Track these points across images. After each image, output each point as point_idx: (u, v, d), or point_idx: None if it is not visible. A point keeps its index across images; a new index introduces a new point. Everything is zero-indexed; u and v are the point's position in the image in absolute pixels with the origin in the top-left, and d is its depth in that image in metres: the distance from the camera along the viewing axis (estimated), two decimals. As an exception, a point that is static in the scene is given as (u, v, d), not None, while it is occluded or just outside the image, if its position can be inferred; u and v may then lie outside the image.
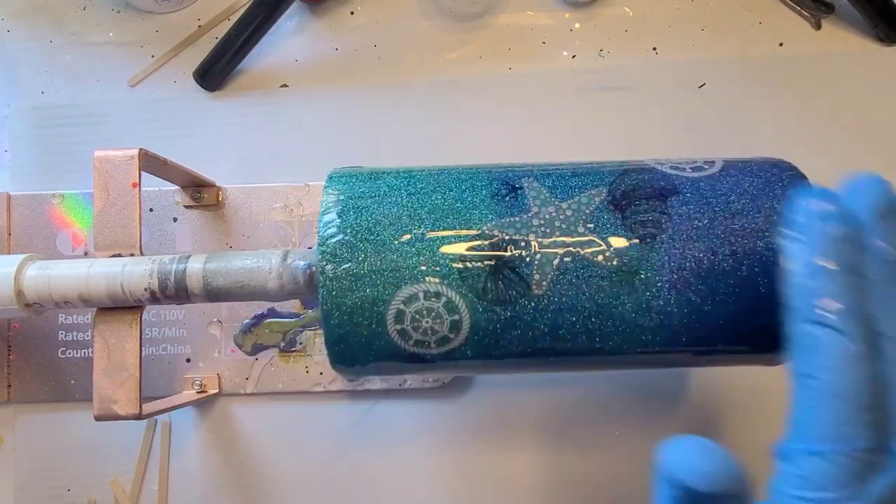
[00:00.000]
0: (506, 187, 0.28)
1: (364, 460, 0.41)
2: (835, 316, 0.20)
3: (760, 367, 0.30)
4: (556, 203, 0.27)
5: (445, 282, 0.26)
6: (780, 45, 0.45)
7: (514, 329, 0.26)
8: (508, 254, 0.26)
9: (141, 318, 0.31)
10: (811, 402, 0.20)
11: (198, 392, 0.41)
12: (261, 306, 0.41)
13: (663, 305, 0.26)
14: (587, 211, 0.27)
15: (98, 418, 0.31)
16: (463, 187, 0.28)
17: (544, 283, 0.26)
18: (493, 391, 0.42)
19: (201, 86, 0.45)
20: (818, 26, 0.46)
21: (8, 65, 0.46)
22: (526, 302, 0.26)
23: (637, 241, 0.26)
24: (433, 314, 0.26)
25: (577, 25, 0.46)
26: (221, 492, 0.41)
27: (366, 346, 0.27)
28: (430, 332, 0.26)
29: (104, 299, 0.30)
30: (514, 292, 0.26)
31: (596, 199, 0.27)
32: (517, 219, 0.27)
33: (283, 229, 0.42)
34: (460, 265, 0.26)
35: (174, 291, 0.30)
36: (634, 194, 0.27)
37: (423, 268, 0.26)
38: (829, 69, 0.45)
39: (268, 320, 0.42)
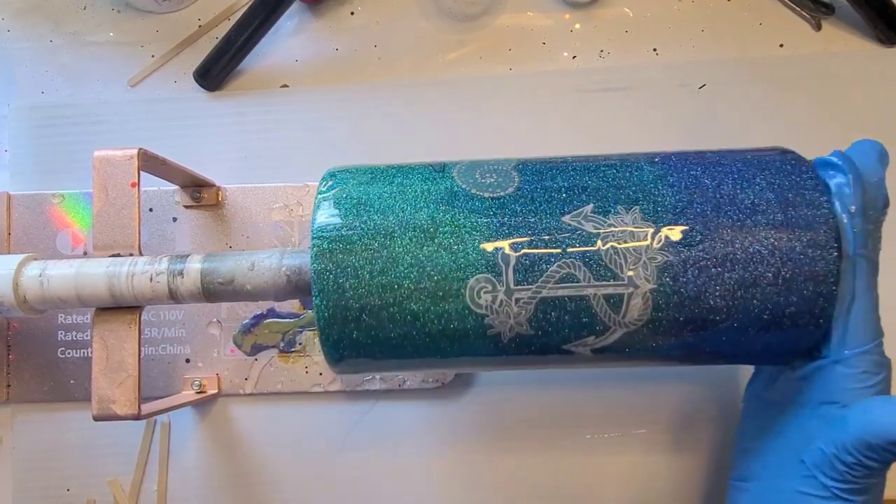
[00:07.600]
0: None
1: (363, 460, 0.41)
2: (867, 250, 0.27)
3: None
4: None
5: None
6: (781, 46, 0.45)
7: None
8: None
9: (140, 318, 0.31)
10: (858, 315, 0.26)
11: (197, 392, 0.41)
12: (260, 306, 0.41)
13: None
14: None
15: (97, 418, 0.31)
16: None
17: None
18: (493, 391, 0.42)
19: (201, 86, 0.45)
20: (818, 27, 0.46)
21: (7, 64, 0.46)
22: None
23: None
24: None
25: (577, 26, 0.46)
26: (221, 492, 0.41)
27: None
28: None
29: (103, 299, 0.30)
30: None
31: None
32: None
33: (282, 229, 0.42)
34: None
35: (172, 291, 0.30)
36: None
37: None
38: (829, 70, 0.45)
39: (267, 320, 0.42)
